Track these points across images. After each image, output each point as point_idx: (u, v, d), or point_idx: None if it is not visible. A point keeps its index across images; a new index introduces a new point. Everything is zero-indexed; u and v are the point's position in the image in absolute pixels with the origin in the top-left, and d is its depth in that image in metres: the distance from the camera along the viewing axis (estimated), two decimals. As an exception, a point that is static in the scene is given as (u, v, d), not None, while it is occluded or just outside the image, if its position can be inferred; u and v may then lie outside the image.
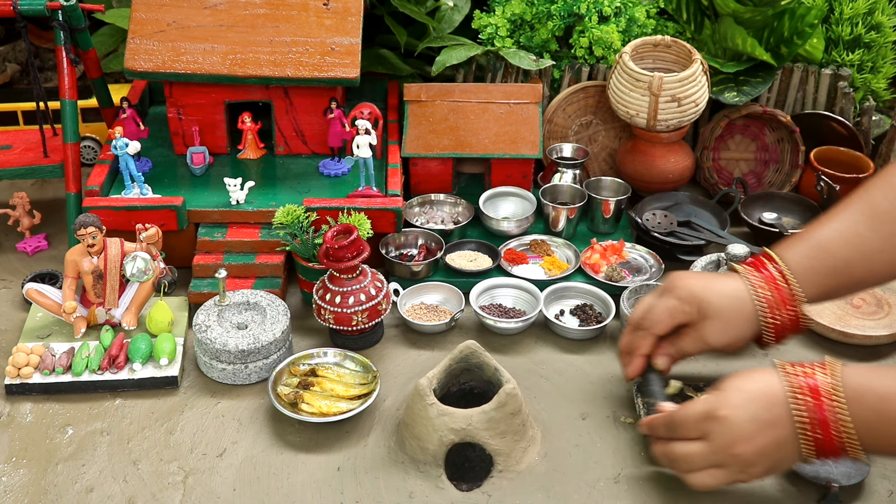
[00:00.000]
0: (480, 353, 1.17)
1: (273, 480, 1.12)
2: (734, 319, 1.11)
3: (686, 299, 1.12)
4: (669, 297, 1.14)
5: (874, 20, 1.73)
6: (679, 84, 1.55)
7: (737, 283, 1.12)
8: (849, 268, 1.09)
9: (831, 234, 1.10)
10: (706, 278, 1.14)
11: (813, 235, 1.11)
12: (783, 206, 1.64)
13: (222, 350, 1.24)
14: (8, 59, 2.09)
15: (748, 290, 1.10)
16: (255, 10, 1.54)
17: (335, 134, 1.57)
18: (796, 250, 1.11)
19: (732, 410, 0.99)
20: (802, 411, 0.96)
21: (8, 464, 1.13)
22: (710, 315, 1.11)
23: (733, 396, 1.00)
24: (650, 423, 1.10)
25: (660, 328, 1.14)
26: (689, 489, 1.09)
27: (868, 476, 1.11)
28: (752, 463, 0.99)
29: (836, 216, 1.11)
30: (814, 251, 1.10)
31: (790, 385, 0.98)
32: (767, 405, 0.98)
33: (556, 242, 1.55)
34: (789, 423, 0.97)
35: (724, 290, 1.11)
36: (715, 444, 1.00)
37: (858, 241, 1.09)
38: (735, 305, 1.10)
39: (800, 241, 1.12)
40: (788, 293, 1.09)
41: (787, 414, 0.97)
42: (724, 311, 1.11)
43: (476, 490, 1.10)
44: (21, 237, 1.59)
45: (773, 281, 1.10)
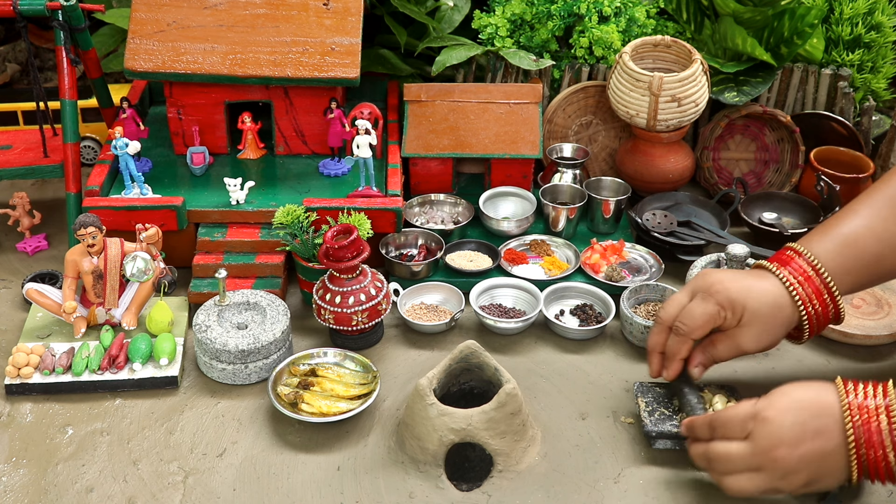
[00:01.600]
0: (480, 353, 1.17)
1: (273, 480, 1.12)
2: (772, 325, 1.10)
3: (726, 305, 1.10)
4: (708, 301, 1.11)
5: (874, 20, 1.73)
6: (679, 84, 1.55)
7: (774, 286, 1.10)
8: (879, 263, 1.10)
9: (859, 228, 1.10)
10: (742, 280, 1.11)
11: (838, 230, 1.11)
12: (783, 206, 1.64)
13: (222, 350, 1.24)
14: (8, 59, 2.09)
15: (785, 288, 1.09)
16: (255, 10, 1.54)
17: (335, 134, 1.57)
18: (824, 244, 1.11)
19: (779, 413, 0.98)
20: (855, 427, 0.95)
21: (8, 464, 1.13)
22: (747, 321, 1.10)
23: (782, 400, 0.99)
24: (691, 423, 1.08)
25: (699, 334, 1.12)
26: (688, 489, 1.09)
27: (868, 476, 1.11)
28: (792, 470, 0.97)
29: (860, 210, 1.11)
30: (844, 247, 1.10)
31: (847, 402, 0.97)
32: (816, 413, 0.97)
33: (556, 242, 1.55)
34: (838, 436, 0.96)
35: (762, 296, 1.10)
36: (757, 446, 0.98)
37: (888, 236, 1.09)
38: (774, 311, 1.09)
39: (825, 236, 1.11)
40: (822, 284, 1.09)
41: (838, 427, 0.96)
42: (763, 317, 1.09)
43: (476, 490, 1.10)
44: (21, 237, 1.59)
45: (804, 273, 1.09)
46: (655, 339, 1.17)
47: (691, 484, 1.11)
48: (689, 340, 1.14)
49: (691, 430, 1.08)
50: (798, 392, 1.00)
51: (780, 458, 0.97)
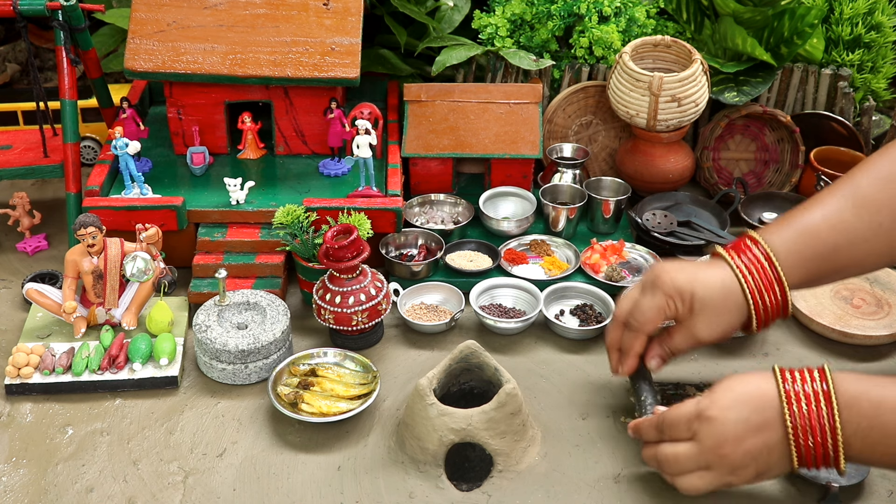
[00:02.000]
0: (480, 353, 1.17)
1: (273, 480, 1.12)
2: (723, 311, 1.09)
3: (673, 295, 1.10)
4: (656, 293, 1.11)
5: (874, 20, 1.73)
6: (679, 84, 1.55)
7: (723, 272, 1.09)
8: (835, 254, 1.08)
9: (817, 219, 1.09)
10: (690, 269, 1.11)
11: (798, 220, 1.10)
12: (783, 206, 1.64)
13: (222, 350, 1.24)
14: (8, 59, 2.09)
15: (734, 276, 1.09)
16: (255, 10, 1.54)
17: (335, 134, 1.57)
18: (781, 234, 1.10)
19: (721, 411, 0.98)
20: (794, 417, 0.96)
21: (8, 464, 1.13)
22: (698, 309, 1.09)
23: (724, 397, 0.99)
24: (637, 426, 1.09)
25: (650, 328, 1.13)
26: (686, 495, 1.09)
27: (868, 476, 1.11)
28: (739, 465, 0.98)
29: (822, 201, 1.10)
30: (800, 236, 1.09)
31: (785, 390, 0.97)
32: (758, 408, 0.97)
33: (556, 242, 1.55)
34: (780, 427, 0.97)
35: (710, 282, 1.09)
36: (703, 445, 0.99)
37: (844, 227, 1.08)
38: (723, 296, 1.09)
39: (784, 225, 1.10)
40: (774, 276, 1.08)
41: (779, 418, 0.97)
42: (712, 303, 1.09)
43: (476, 490, 1.10)
44: (21, 237, 1.59)
45: (759, 264, 1.08)
46: (611, 336, 1.18)
47: (691, 484, 1.11)
48: (642, 335, 1.14)
49: (638, 432, 1.09)
50: (740, 387, 1.00)
51: (726, 455, 0.98)
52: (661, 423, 1.05)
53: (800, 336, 1.38)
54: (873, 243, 1.08)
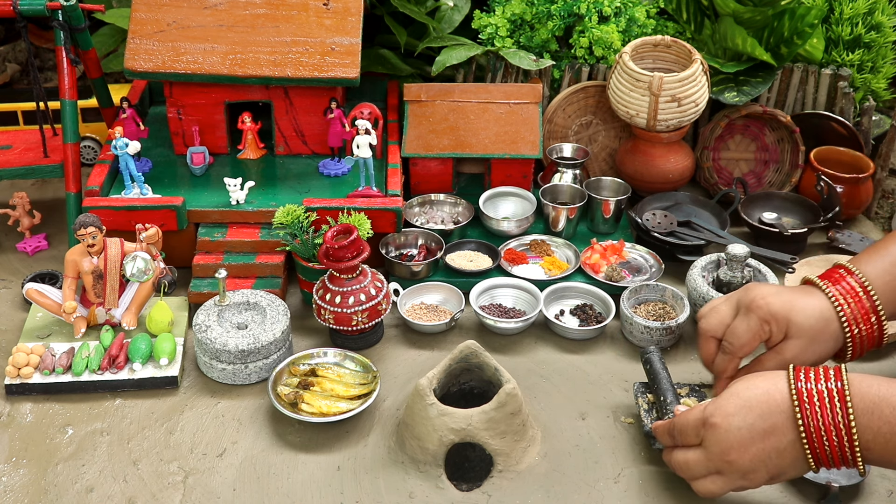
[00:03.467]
0: (480, 353, 1.17)
1: (273, 480, 1.12)
2: (820, 340, 1.09)
3: (769, 320, 1.09)
4: (751, 317, 1.10)
5: (874, 20, 1.73)
6: (679, 84, 1.55)
7: (820, 301, 1.09)
8: None
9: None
10: (788, 295, 1.11)
11: (889, 250, 1.10)
12: (783, 206, 1.64)
13: (222, 350, 1.24)
14: (8, 59, 2.09)
15: (832, 306, 1.08)
16: (255, 10, 1.54)
17: (335, 134, 1.57)
18: (874, 264, 1.10)
19: (724, 418, 0.98)
20: (807, 419, 0.95)
21: (8, 464, 1.13)
22: (792, 335, 1.09)
23: (729, 403, 0.99)
24: (656, 428, 1.10)
25: (745, 352, 1.12)
26: (689, 489, 1.09)
27: (868, 476, 1.11)
28: (749, 469, 0.98)
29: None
30: (894, 265, 1.09)
31: (797, 388, 0.96)
32: (764, 413, 0.97)
33: (556, 242, 1.55)
34: (791, 430, 0.96)
35: (808, 310, 1.09)
36: (710, 452, 1.00)
37: None
38: (821, 325, 1.08)
39: (876, 255, 1.11)
40: (870, 306, 1.08)
41: (789, 421, 0.96)
42: (809, 331, 1.08)
43: (476, 490, 1.10)
44: (21, 237, 1.59)
45: (855, 294, 1.08)
46: (706, 351, 1.17)
47: (691, 484, 1.11)
48: (737, 359, 1.13)
49: (657, 436, 1.10)
50: (746, 392, 0.99)
51: (733, 462, 0.98)
52: (673, 429, 1.05)
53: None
54: None
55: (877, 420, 0.93)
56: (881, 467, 0.98)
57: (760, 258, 1.47)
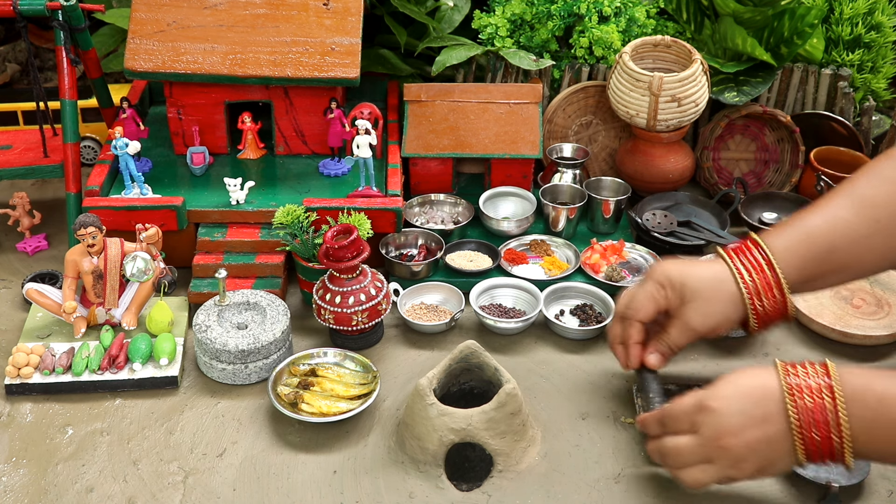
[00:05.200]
0: (480, 353, 1.17)
1: (273, 480, 1.12)
2: (715, 300, 1.11)
3: (664, 283, 1.13)
4: (647, 282, 1.15)
5: (874, 20, 1.73)
6: (679, 84, 1.55)
7: (718, 266, 1.12)
8: (833, 253, 1.09)
9: (817, 221, 1.10)
10: (686, 263, 1.15)
11: (799, 222, 1.12)
12: (783, 206, 1.64)
13: (222, 350, 1.24)
14: (8, 59, 2.09)
15: (731, 274, 1.10)
16: (255, 10, 1.54)
17: (335, 134, 1.57)
18: (782, 236, 1.11)
19: (721, 402, 0.99)
20: (798, 410, 0.96)
21: (8, 464, 1.13)
22: (689, 298, 1.11)
23: (725, 389, 1.00)
24: (643, 420, 1.10)
25: (642, 314, 1.15)
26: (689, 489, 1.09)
27: (868, 476, 1.11)
28: (741, 458, 0.98)
29: (823, 205, 1.12)
30: (799, 236, 1.10)
31: (787, 383, 0.97)
32: (759, 400, 0.98)
33: (556, 242, 1.55)
34: (782, 420, 0.96)
35: (702, 273, 1.12)
36: (704, 437, 0.99)
37: (842, 225, 1.09)
38: (714, 286, 1.11)
39: (786, 229, 1.12)
40: (773, 279, 1.09)
41: (781, 411, 0.97)
42: (703, 292, 1.11)
43: (476, 490, 1.11)
44: (21, 237, 1.59)
45: (758, 266, 1.10)
46: (612, 332, 1.21)
47: (691, 484, 1.11)
48: (637, 323, 1.16)
49: (645, 426, 1.09)
50: (742, 379, 1.00)
51: (727, 447, 0.98)
52: (664, 417, 1.05)
53: (800, 336, 1.38)
54: (873, 241, 1.09)
55: (860, 407, 0.94)
56: (867, 460, 0.99)
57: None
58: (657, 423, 1.07)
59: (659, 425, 1.06)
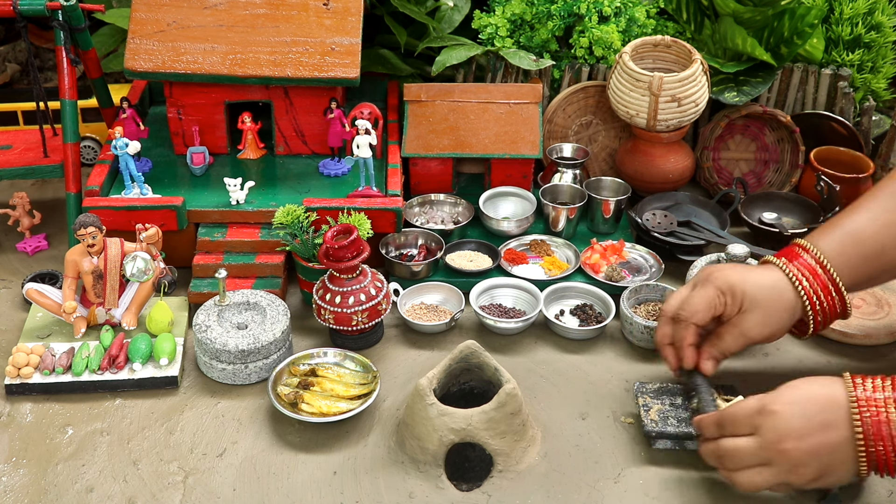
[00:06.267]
0: (480, 353, 1.17)
1: (273, 480, 1.12)
2: (774, 310, 1.10)
3: (724, 290, 1.12)
4: (707, 287, 1.13)
5: (874, 20, 1.73)
6: (679, 84, 1.55)
7: (775, 273, 1.12)
8: (883, 254, 1.10)
9: (863, 221, 1.11)
10: (742, 269, 1.14)
11: (844, 224, 1.12)
12: (783, 206, 1.64)
13: (222, 350, 1.24)
14: (8, 59, 2.09)
15: (788, 279, 1.10)
16: (255, 10, 1.54)
17: (335, 134, 1.57)
18: (829, 239, 1.12)
19: (785, 406, 0.98)
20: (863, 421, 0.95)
21: (8, 464, 1.13)
22: (749, 307, 1.10)
23: (789, 394, 1.00)
24: (700, 420, 1.08)
25: (699, 318, 1.13)
26: (689, 489, 1.09)
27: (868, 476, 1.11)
28: (801, 463, 0.97)
29: (865, 204, 1.12)
30: (847, 238, 1.11)
31: (856, 395, 0.97)
32: (824, 406, 0.97)
33: (556, 242, 1.55)
34: (846, 429, 0.96)
35: (761, 281, 1.11)
36: (765, 439, 0.99)
37: (891, 227, 1.10)
38: (774, 295, 1.10)
39: (831, 230, 1.12)
40: (827, 279, 1.10)
41: (846, 421, 0.96)
42: (763, 301, 1.10)
43: (476, 490, 1.10)
44: (21, 237, 1.59)
45: (811, 268, 1.10)
46: (661, 332, 1.19)
47: (691, 484, 1.11)
48: (692, 325, 1.14)
49: (702, 427, 1.08)
50: (806, 386, 1.00)
51: (788, 451, 0.97)
52: (723, 419, 1.04)
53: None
54: None
55: None
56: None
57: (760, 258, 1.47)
58: (715, 426, 1.05)
59: (717, 427, 1.05)
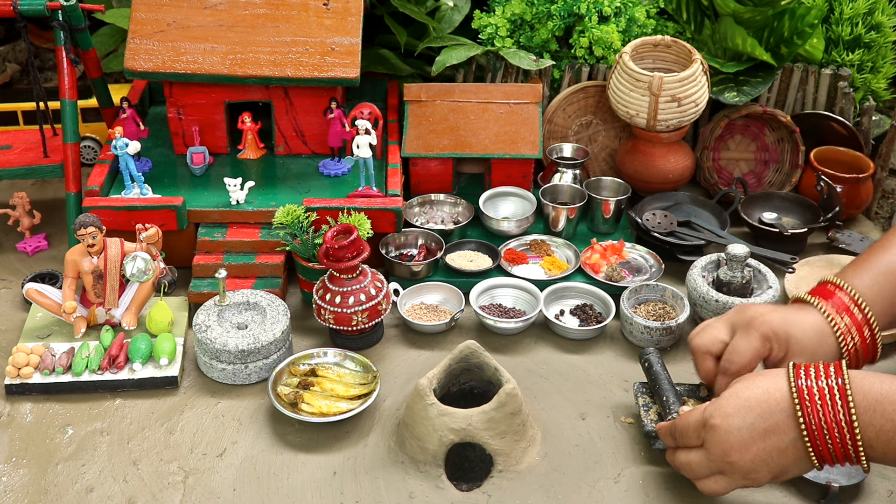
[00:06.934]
0: (480, 353, 1.17)
1: (273, 480, 1.12)
2: (818, 354, 1.09)
3: (770, 337, 1.09)
4: (752, 336, 1.10)
5: (874, 20, 1.73)
6: (679, 84, 1.55)
7: (815, 317, 1.09)
8: None
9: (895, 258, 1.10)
10: (784, 312, 1.11)
11: (877, 261, 1.11)
12: (783, 206, 1.64)
13: (222, 350, 1.24)
14: (8, 59, 2.09)
15: (826, 320, 1.09)
16: (255, 10, 1.54)
17: (335, 134, 1.57)
18: (863, 277, 1.10)
19: (724, 419, 0.98)
20: (808, 417, 0.94)
21: (8, 464, 1.13)
22: (794, 352, 1.09)
23: (728, 403, 0.99)
24: (658, 429, 1.10)
25: (747, 370, 1.11)
26: (689, 489, 1.09)
27: (868, 476, 1.11)
28: (751, 470, 0.98)
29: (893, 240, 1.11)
30: (882, 277, 1.10)
31: (797, 386, 0.96)
32: (765, 412, 0.96)
33: (556, 242, 1.55)
34: (792, 429, 0.96)
35: (806, 325, 1.09)
36: (712, 453, 0.99)
37: None
38: (818, 340, 1.09)
39: (862, 268, 1.11)
40: (863, 319, 1.08)
41: (790, 420, 0.95)
42: (809, 346, 1.08)
43: (476, 490, 1.10)
44: (21, 237, 1.59)
45: (846, 308, 1.09)
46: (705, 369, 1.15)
47: (691, 484, 1.11)
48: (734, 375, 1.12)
49: (661, 437, 1.09)
50: (746, 391, 0.99)
51: (735, 462, 0.97)
52: (675, 430, 1.05)
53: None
54: None
55: (879, 417, 0.92)
56: (884, 465, 0.98)
57: (760, 258, 1.47)
58: (669, 436, 1.06)
59: (671, 437, 1.06)
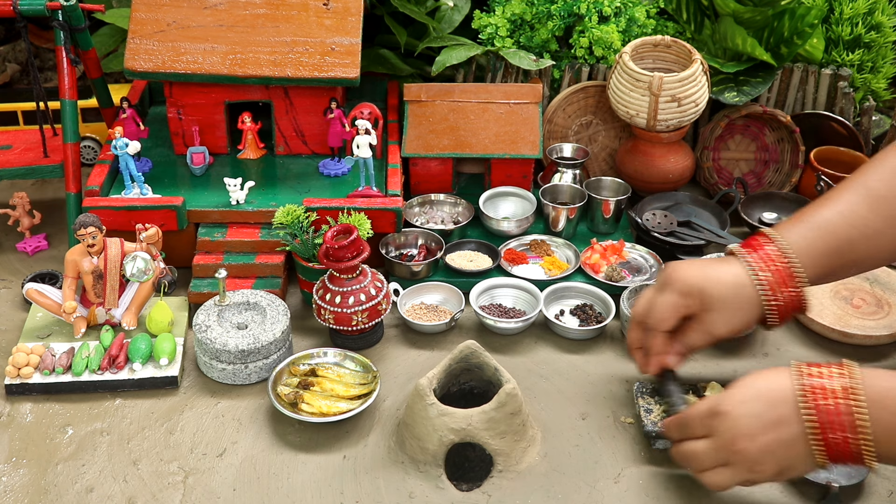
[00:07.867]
0: (480, 353, 1.17)
1: (273, 480, 1.12)
2: (737, 307, 1.10)
3: (686, 293, 1.11)
4: (669, 291, 1.13)
5: (874, 20, 1.73)
6: (679, 84, 1.55)
7: (735, 268, 1.10)
8: (850, 248, 1.09)
9: (832, 215, 1.10)
10: (703, 267, 1.12)
11: (812, 217, 1.11)
12: (783, 206, 1.64)
13: (222, 350, 1.24)
14: (8, 59, 2.09)
15: (747, 273, 1.09)
16: (255, 10, 1.54)
17: (335, 134, 1.57)
18: (796, 230, 1.11)
19: (734, 406, 0.98)
20: (812, 412, 0.94)
21: (8, 464, 1.13)
22: (711, 306, 1.10)
23: (738, 393, 0.99)
24: (666, 423, 1.10)
25: (665, 325, 1.14)
26: (689, 489, 1.09)
27: (868, 476, 1.11)
28: (757, 461, 0.97)
29: (834, 198, 1.11)
30: (815, 231, 1.10)
31: (801, 385, 0.96)
32: (772, 403, 0.97)
33: (556, 242, 1.55)
34: (797, 423, 0.95)
35: (723, 278, 1.10)
36: (718, 441, 0.99)
37: (859, 221, 1.09)
38: (736, 292, 1.09)
39: (798, 222, 1.12)
40: (788, 272, 1.08)
41: (795, 414, 0.96)
42: (726, 300, 1.10)
43: (476, 490, 1.10)
44: (21, 237, 1.59)
45: (772, 260, 1.09)
46: (631, 337, 1.20)
47: (691, 484, 1.11)
48: (660, 334, 1.15)
49: (666, 431, 1.10)
50: (756, 382, 1.00)
51: (742, 451, 0.97)
52: (682, 422, 1.05)
53: (800, 336, 1.38)
54: (888, 236, 1.09)
55: (884, 413, 0.92)
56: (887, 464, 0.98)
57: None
58: (677, 429, 1.06)
59: (678, 430, 1.06)
